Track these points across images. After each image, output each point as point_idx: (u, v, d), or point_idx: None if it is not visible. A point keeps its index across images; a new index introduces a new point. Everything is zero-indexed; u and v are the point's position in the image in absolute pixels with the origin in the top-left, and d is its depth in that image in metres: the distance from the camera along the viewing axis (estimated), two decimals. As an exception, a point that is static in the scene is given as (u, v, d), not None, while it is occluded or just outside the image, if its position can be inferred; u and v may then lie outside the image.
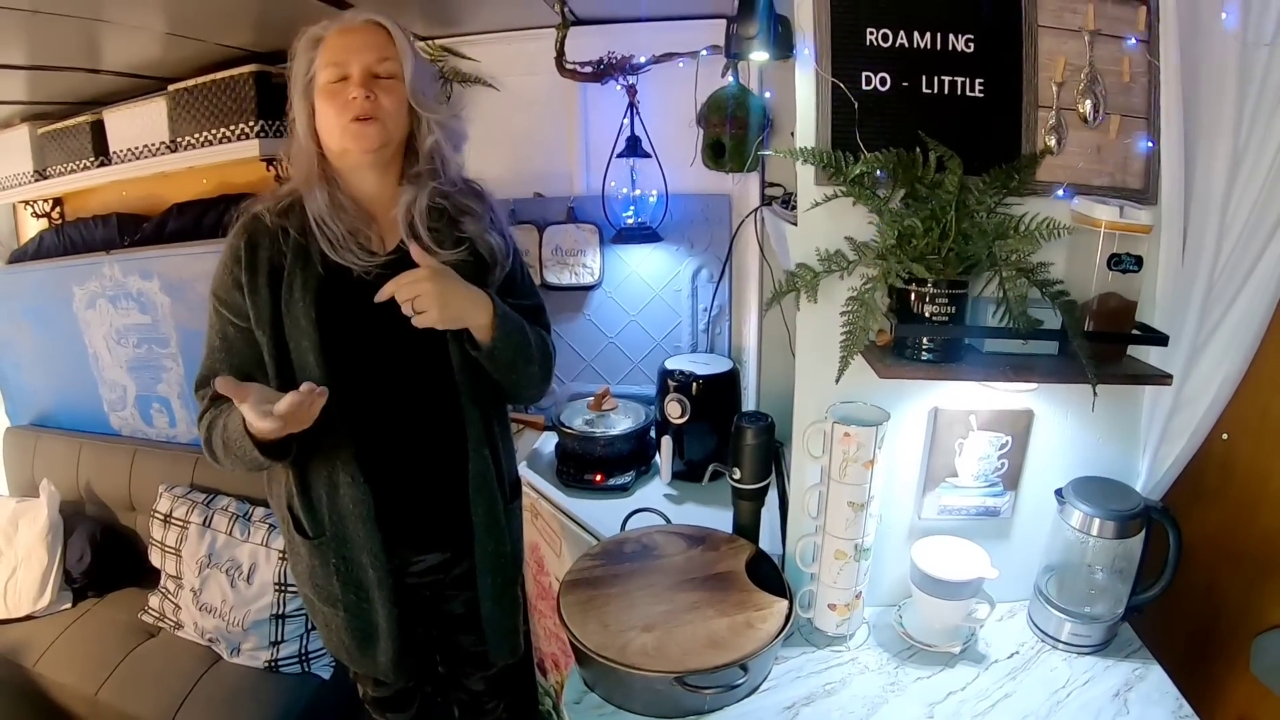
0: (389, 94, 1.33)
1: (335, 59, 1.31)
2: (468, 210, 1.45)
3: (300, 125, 1.36)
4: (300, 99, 1.35)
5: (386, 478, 1.42)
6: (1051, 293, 1.13)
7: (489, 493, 1.50)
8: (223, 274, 1.36)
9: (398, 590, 1.48)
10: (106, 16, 1.83)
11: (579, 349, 2.40)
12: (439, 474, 1.48)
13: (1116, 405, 1.32)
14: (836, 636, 1.35)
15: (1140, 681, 1.23)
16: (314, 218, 1.34)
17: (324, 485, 1.41)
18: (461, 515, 1.50)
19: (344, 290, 1.35)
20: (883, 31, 1.20)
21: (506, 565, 1.59)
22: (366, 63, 1.31)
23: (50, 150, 2.81)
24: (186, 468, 2.58)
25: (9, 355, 3.10)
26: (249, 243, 1.34)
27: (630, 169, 2.13)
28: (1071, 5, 1.22)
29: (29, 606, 2.52)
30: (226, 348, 1.37)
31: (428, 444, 1.46)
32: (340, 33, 1.33)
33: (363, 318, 1.34)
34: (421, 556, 1.54)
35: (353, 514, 1.41)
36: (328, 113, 1.32)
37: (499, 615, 1.60)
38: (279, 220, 1.35)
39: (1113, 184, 1.25)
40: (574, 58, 2.06)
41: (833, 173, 1.19)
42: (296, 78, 1.35)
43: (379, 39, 1.34)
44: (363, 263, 1.35)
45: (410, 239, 1.37)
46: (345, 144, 1.33)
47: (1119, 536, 1.23)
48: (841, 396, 1.27)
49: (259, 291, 1.33)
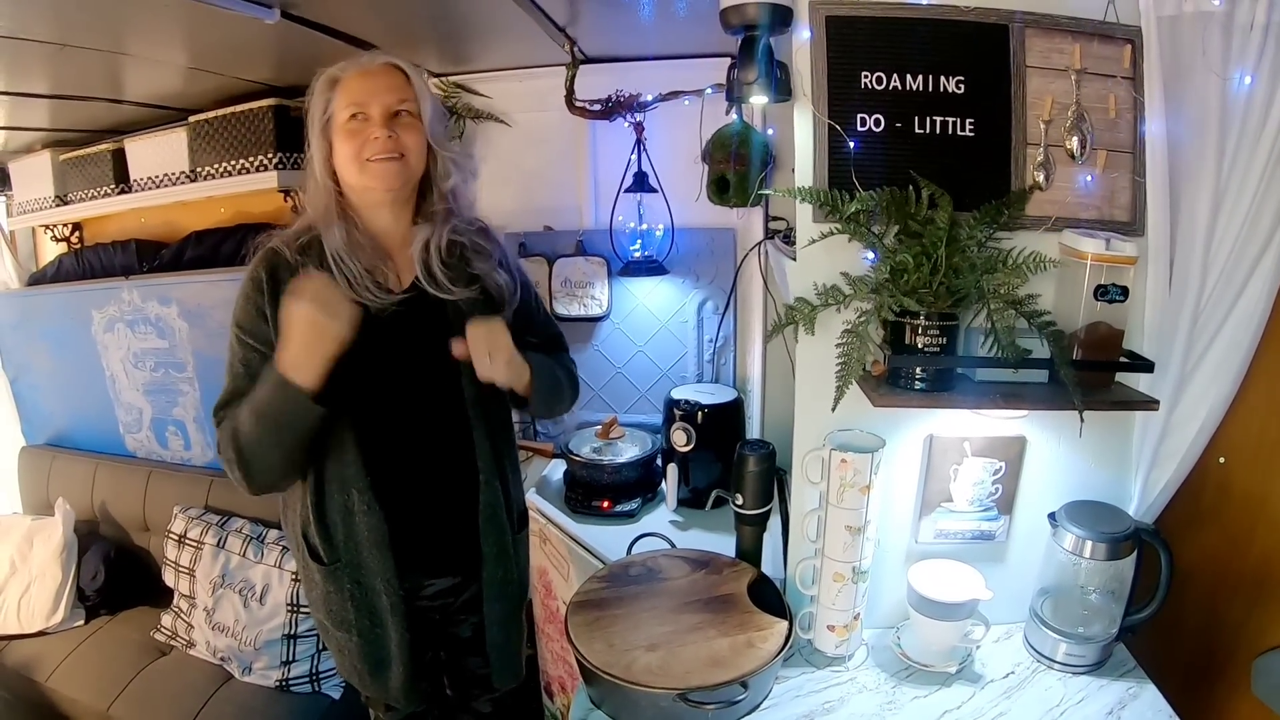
0: (410, 132, 1.38)
1: (355, 100, 1.35)
2: (479, 249, 1.50)
3: (317, 163, 1.39)
4: (318, 138, 1.39)
5: (400, 506, 1.45)
6: (1039, 323, 1.18)
7: (498, 523, 1.54)
8: (245, 304, 1.38)
9: (409, 615, 1.51)
10: (130, 50, 1.90)
11: (588, 378, 2.43)
12: (451, 503, 1.52)
13: (1107, 430, 1.35)
14: (836, 657, 1.38)
15: (1134, 700, 1.25)
16: (332, 255, 1.37)
17: (339, 512, 1.44)
18: (471, 542, 1.53)
19: (362, 327, 1.36)
20: (876, 75, 1.25)
21: (513, 593, 1.63)
22: (387, 104, 1.36)
23: (71, 176, 2.88)
24: (201, 490, 2.63)
25: (27, 376, 3.16)
26: (271, 274, 1.37)
27: (638, 204, 2.19)
28: (1058, 46, 1.27)
29: (42, 623, 2.56)
30: (250, 375, 1.37)
31: (440, 474, 1.50)
32: (359, 75, 1.37)
33: (380, 353, 1.38)
34: (432, 580, 1.56)
35: (367, 540, 1.44)
36: (346, 151, 1.36)
37: (504, 640, 1.64)
38: (298, 257, 1.38)
39: (1100, 217, 1.30)
40: (583, 95, 2.12)
41: (829, 211, 1.24)
42: (314, 117, 1.38)
43: (397, 81, 1.38)
44: (378, 300, 1.38)
45: (426, 278, 1.42)
46: (366, 182, 1.37)
47: (1111, 558, 1.26)
48: (839, 424, 1.32)
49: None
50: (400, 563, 1.47)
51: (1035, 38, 1.26)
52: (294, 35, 1.76)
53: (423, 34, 1.98)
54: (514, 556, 1.60)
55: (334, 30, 1.80)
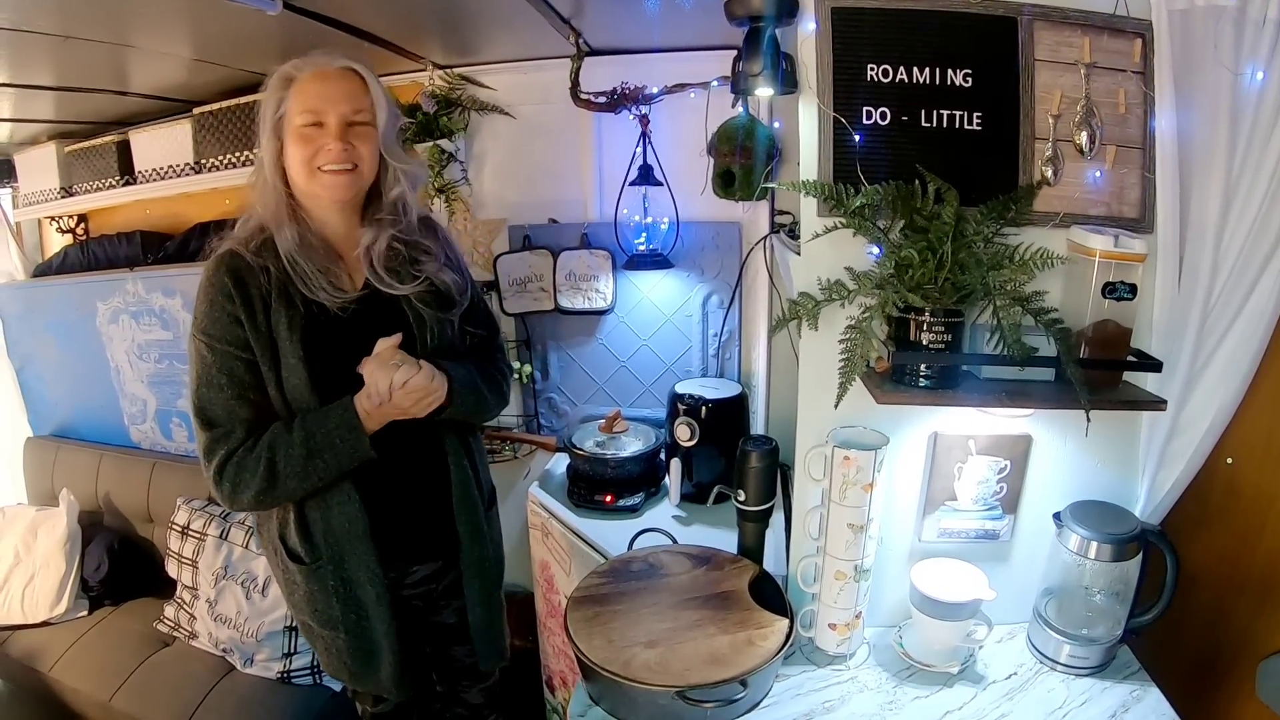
0: (364, 142, 1.37)
1: (310, 105, 1.33)
2: (425, 250, 1.51)
3: (267, 162, 1.38)
4: (269, 136, 1.37)
5: (376, 493, 1.47)
6: (1046, 321, 1.16)
7: (470, 501, 1.57)
8: (216, 312, 1.36)
9: (394, 605, 1.52)
10: (134, 42, 1.89)
11: (591, 372, 2.44)
12: (424, 486, 1.55)
13: (1114, 430, 1.34)
14: (837, 655, 1.37)
15: (1137, 703, 1.24)
16: (285, 255, 1.37)
17: (318, 507, 1.45)
18: (447, 525, 1.56)
19: (326, 327, 1.39)
20: (883, 67, 1.24)
21: (490, 570, 1.65)
22: (343, 113, 1.35)
23: (77, 168, 2.89)
24: (204, 481, 2.61)
25: (33, 367, 3.17)
26: (237, 280, 1.36)
27: (643, 196, 2.18)
28: (1068, 39, 1.25)
29: (46, 613, 2.57)
30: (235, 382, 1.37)
31: (411, 458, 1.51)
32: (316, 77, 1.35)
33: (346, 351, 1.38)
34: (415, 567, 1.59)
35: (348, 532, 1.45)
36: (298, 156, 1.34)
37: (486, 620, 1.66)
38: (257, 259, 1.37)
39: (1109, 214, 1.28)
40: (588, 88, 2.11)
41: (834, 205, 1.22)
42: (265, 115, 1.37)
43: (355, 88, 1.37)
44: (335, 299, 1.39)
45: (374, 277, 1.43)
46: (315, 190, 1.37)
47: (1116, 559, 1.25)
48: (842, 421, 1.30)
49: (258, 328, 1.36)
50: (382, 551, 1.48)
51: (1044, 30, 1.25)
52: (298, 27, 1.75)
53: (427, 25, 1.97)
54: (488, 533, 1.64)
55: (338, 21, 1.79)
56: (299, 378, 1.37)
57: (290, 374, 1.38)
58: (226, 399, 1.37)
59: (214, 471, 1.37)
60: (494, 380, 1.61)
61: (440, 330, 1.50)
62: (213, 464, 1.37)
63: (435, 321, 1.50)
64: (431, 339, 1.48)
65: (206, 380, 1.37)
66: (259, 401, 1.39)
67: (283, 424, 1.38)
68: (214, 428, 1.38)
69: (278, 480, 1.35)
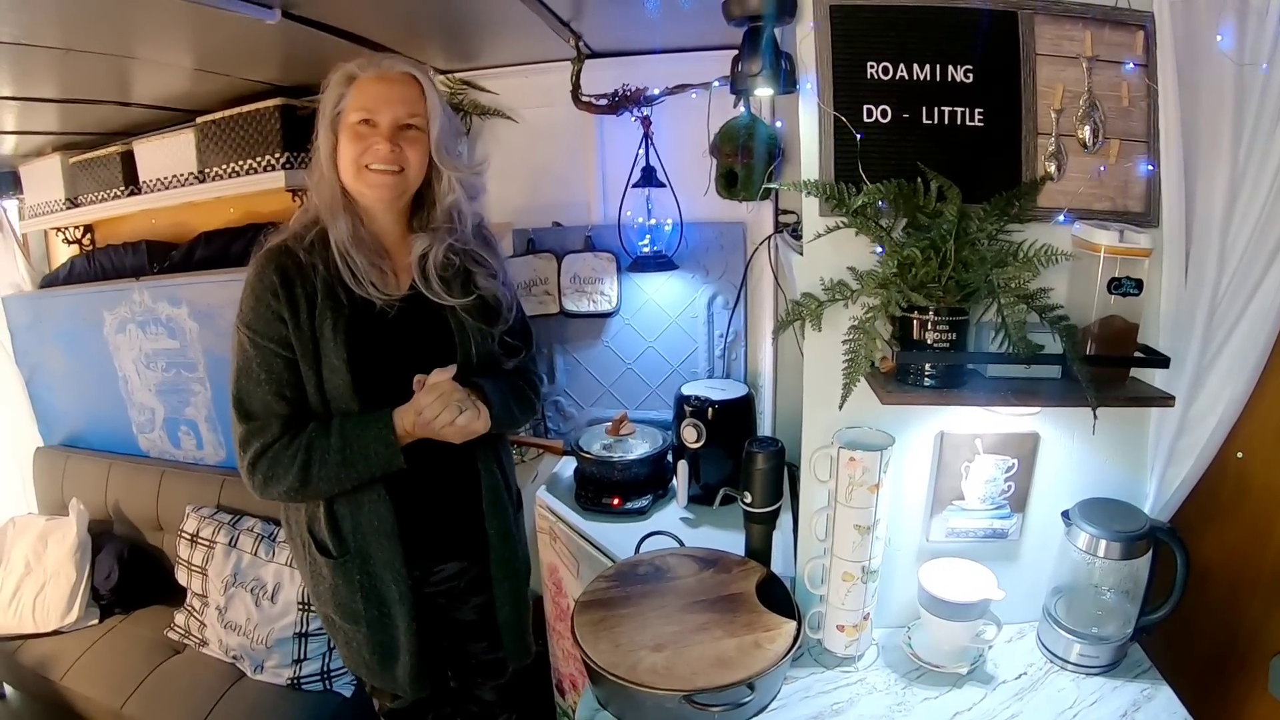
0: (413, 146, 1.39)
1: (366, 104, 1.37)
2: (479, 261, 1.53)
3: (323, 155, 1.42)
4: (326, 130, 1.41)
5: (406, 495, 1.48)
6: (1051, 318, 1.15)
7: (501, 506, 1.59)
8: (260, 308, 1.38)
9: (417, 604, 1.53)
10: (136, 54, 1.90)
11: (597, 375, 2.44)
12: (453, 490, 1.56)
13: (1122, 427, 1.33)
14: (845, 657, 1.36)
15: (1148, 702, 1.23)
16: (338, 246, 1.39)
17: (348, 504, 1.47)
18: (474, 527, 1.58)
19: (370, 326, 1.41)
20: (883, 65, 1.23)
21: (519, 572, 1.68)
22: (396, 115, 1.37)
23: (81, 179, 2.90)
24: (213, 489, 2.64)
25: (41, 377, 3.19)
26: (284, 279, 1.38)
27: (646, 198, 2.18)
28: (1069, 32, 1.24)
29: (57, 622, 2.58)
30: (274, 379, 1.39)
31: (442, 465, 1.51)
32: (376, 79, 1.38)
33: (387, 353, 1.42)
34: (441, 566, 1.60)
35: (377, 530, 1.47)
36: (350, 153, 1.38)
37: (515, 618, 1.69)
38: (308, 256, 1.40)
39: (1114, 208, 1.27)
40: (589, 90, 2.11)
41: (835, 204, 1.22)
42: (325, 110, 1.40)
43: (412, 93, 1.40)
44: (382, 297, 1.41)
45: (423, 284, 1.45)
46: (360, 187, 1.39)
47: (1125, 557, 1.24)
48: (848, 421, 1.30)
49: (301, 327, 1.38)
50: (408, 550, 1.50)
51: (1045, 24, 1.24)
52: (297, 35, 1.75)
53: (427, 30, 1.97)
54: (516, 537, 1.66)
55: (337, 29, 1.80)
56: (341, 379, 1.39)
57: (332, 374, 1.39)
58: (264, 394, 1.39)
59: (248, 463, 1.40)
60: (526, 399, 1.64)
61: (482, 342, 1.52)
62: (247, 455, 1.40)
63: (478, 333, 1.51)
64: (474, 351, 1.50)
65: (247, 373, 1.40)
66: (296, 399, 1.41)
67: (321, 426, 1.40)
68: (251, 420, 1.40)
69: (310, 481, 1.38)
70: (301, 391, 1.41)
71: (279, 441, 1.39)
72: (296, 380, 1.40)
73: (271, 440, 1.39)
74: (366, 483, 1.42)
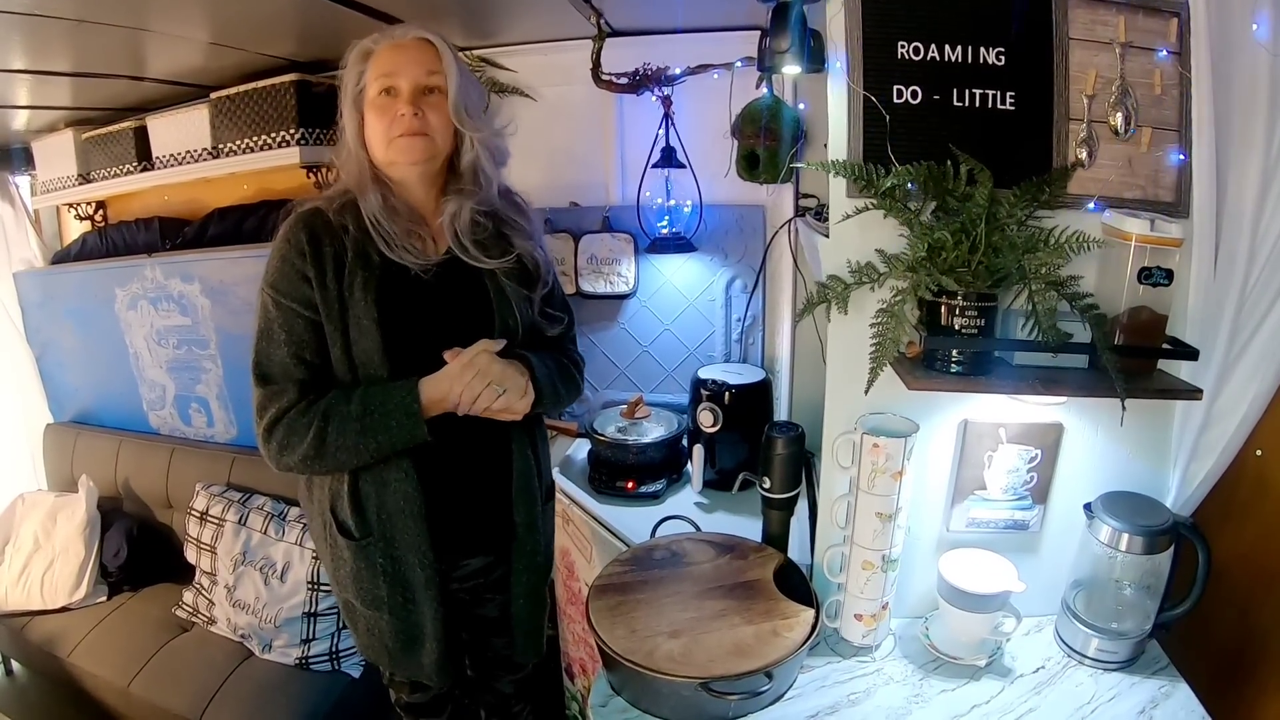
0: (435, 110, 1.38)
1: (385, 70, 1.36)
2: (513, 224, 1.51)
3: (350, 134, 1.41)
4: (350, 109, 1.40)
5: (435, 473, 1.45)
6: (1081, 306, 1.13)
7: (530, 493, 1.55)
8: (285, 268, 1.36)
9: (442, 591, 1.50)
10: (150, 26, 1.88)
11: (613, 357, 2.42)
12: (484, 473, 1.52)
13: (1147, 420, 1.31)
14: (862, 647, 1.35)
15: (1166, 699, 1.22)
16: (369, 217, 1.37)
17: (373, 482, 1.43)
18: (503, 517, 1.54)
19: (403, 289, 1.39)
20: (914, 45, 1.21)
21: (540, 565, 1.64)
22: (415, 77, 1.36)
23: (94, 155, 2.88)
24: (223, 467, 2.64)
25: (52, 354, 3.19)
26: (311, 237, 1.36)
27: (665, 179, 2.16)
28: (1103, 18, 1.22)
29: (65, 599, 2.59)
30: (294, 340, 1.36)
31: (474, 443, 1.49)
32: (391, 48, 1.38)
33: (421, 315, 1.40)
34: (467, 560, 1.57)
35: (402, 511, 1.43)
36: (376, 126, 1.37)
37: (528, 614, 1.65)
38: (339, 217, 1.38)
39: (1144, 197, 1.25)
40: (610, 69, 2.09)
41: (864, 185, 1.20)
42: (347, 89, 1.40)
43: (427, 55, 1.38)
44: (418, 261, 1.39)
45: (458, 247, 1.43)
46: (391, 157, 1.38)
47: (1147, 552, 1.22)
48: (871, 408, 1.28)
49: (327, 287, 1.35)
50: (435, 538, 1.46)
51: (1078, 8, 1.21)
52: (315, 9, 1.74)
53: (446, 7, 1.95)
54: (542, 529, 1.62)
55: (354, 3, 1.78)
56: (371, 340, 1.36)
57: (361, 335, 1.36)
58: (283, 356, 1.36)
59: (264, 429, 1.37)
60: (571, 378, 1.61)
61: (520, 308, 1.49)
62: (263, 421, 1.37)
63: (518, 297, 1.49)
64: (514, 319, 1.47)
65: (267, 335, 1.37)
66: (316, 363, 1.38)
67: (342, 392, 1.37)
68: (268, 384, 1.37)
69: (326, 449, 1.34)
70: (323, 356, 1.38)
71: (295, 407, 1.35)
72: (318, 344, 1.37)
73: (288, 405, 1.35)
74: (388, 455, 1.38)
